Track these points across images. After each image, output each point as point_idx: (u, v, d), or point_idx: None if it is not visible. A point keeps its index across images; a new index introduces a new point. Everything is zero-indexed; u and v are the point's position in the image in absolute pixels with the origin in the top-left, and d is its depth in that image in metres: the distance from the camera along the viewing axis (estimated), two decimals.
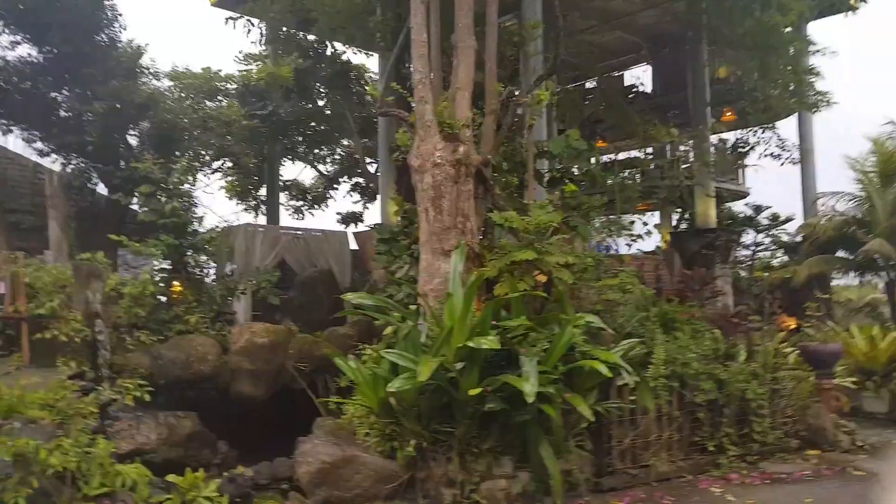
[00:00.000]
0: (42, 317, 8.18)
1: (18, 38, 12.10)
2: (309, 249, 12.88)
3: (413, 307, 7.91)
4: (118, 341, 7.87)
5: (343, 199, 20.76)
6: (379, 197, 13.63)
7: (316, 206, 19.26)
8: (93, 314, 7.40)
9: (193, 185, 10.66)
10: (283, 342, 8.69)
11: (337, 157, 19.81)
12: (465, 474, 6.97)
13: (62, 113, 12.26)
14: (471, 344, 6.59)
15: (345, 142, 19.79)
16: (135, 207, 13.09)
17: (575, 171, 10.61)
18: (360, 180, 19.39)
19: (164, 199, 9.71)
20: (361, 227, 16.99)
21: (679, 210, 20.23)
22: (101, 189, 13.35)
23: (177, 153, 11.74)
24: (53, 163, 12.09)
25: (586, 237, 10.03)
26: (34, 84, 11.85)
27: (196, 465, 6.91)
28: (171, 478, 5.83)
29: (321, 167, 19.42)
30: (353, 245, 14.19)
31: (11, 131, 11.65)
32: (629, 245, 14.72)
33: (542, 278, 7.90)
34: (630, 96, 20.09)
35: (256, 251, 11.74)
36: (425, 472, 7.06)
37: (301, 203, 18.97)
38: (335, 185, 20.16)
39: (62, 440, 5.36)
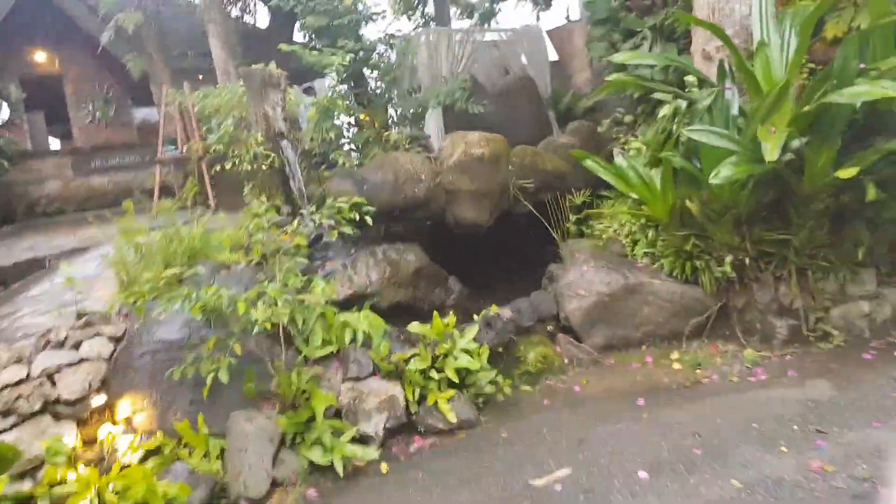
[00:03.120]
0: (222, 154, 6.67)
1: None
2: (500, 56, 10.31)
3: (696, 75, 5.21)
4: (311, 167, 6.17)
5: (513, 11, 17.49)
6: None
7: (484, 24, 16.33)
8: (276, 133, 5.65)
9: None
10: (504, 154, 6.52)
11: None
12: (805, 298, 4.61)
13: None
14: (835, 98, 3.90)
15: None
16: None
17: None
18: None
19: None
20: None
21: None
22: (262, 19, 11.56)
23: None
24: None
25: None
26: None
27: (428, 309, 5.21)
28: (414, 327, 4.04)
29: None
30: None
31: None
32: None
33: None
34: None
35: (443, 60, 9.41)
36: (744, 299, 4.76)
37: (469, 21, 16.13)
38: None
39: (264, 286, 3.70)
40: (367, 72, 8.67)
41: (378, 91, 8.70)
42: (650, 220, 4.98)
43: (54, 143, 13.26)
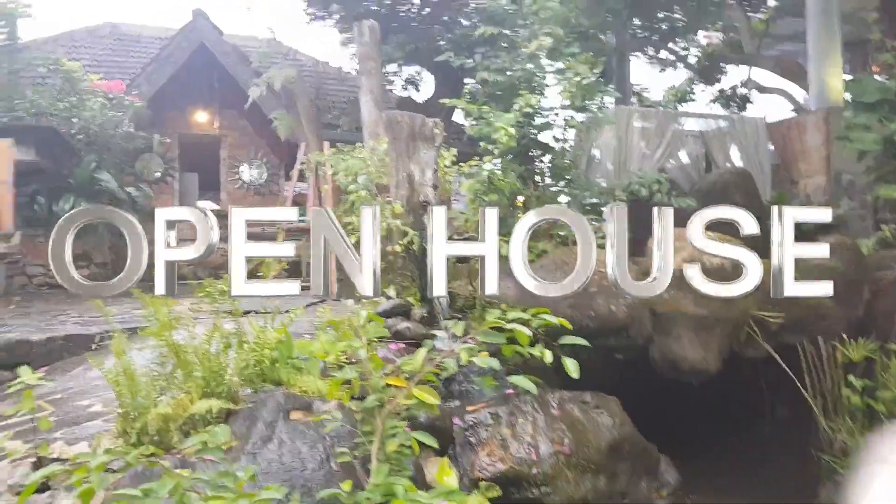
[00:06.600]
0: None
1: None
2: (704, 148, 8.18)
3: None
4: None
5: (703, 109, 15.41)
6: (811, 69, 8.22)
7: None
8: (421, 203, 3.90)
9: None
10: None
11: (693, 56, 14.59)
12: None
13: None
14: None
15: (703, 37, 14.64)
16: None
17: None
18: (725, 87, 14.16)
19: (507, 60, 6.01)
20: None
21: None
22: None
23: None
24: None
25: None
26: None
27: None
28: None
29: (673, 69, 14.48)
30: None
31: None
32: None
33: None
34: None
35: (633, 146, 7.47)
36: None
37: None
38: (690, 96, 15.05)
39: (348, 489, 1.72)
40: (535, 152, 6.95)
41: (548, 173, 6.88)
42: None
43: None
